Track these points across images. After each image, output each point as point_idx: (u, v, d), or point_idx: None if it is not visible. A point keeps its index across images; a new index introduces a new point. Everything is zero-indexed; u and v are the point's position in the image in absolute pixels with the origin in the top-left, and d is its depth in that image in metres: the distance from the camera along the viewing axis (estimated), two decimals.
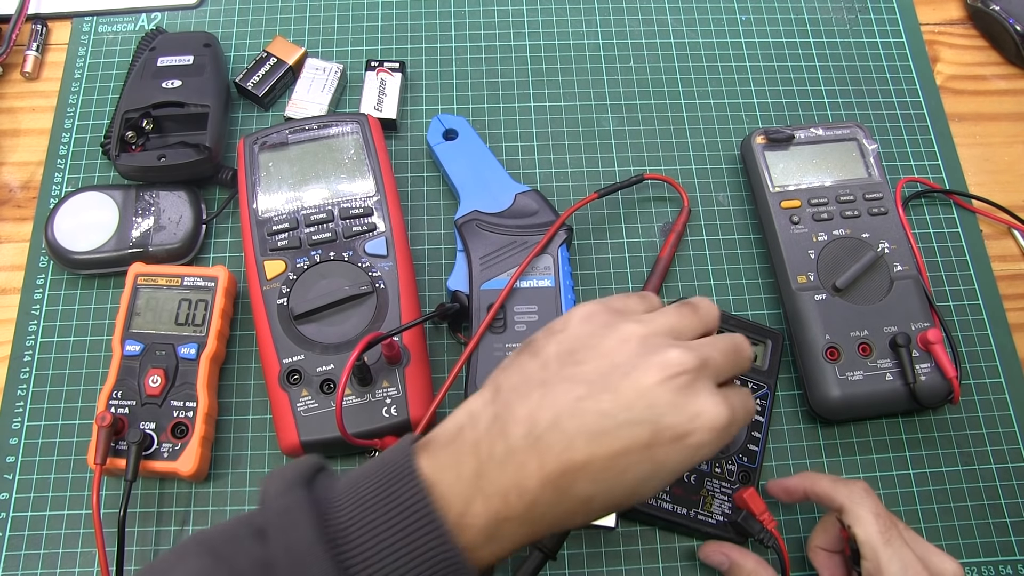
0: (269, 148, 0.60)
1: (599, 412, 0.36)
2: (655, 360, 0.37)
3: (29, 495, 0.54)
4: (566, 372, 0.37)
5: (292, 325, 0.54)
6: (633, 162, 0.66)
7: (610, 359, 0.37)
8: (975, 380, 0.59)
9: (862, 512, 0.46)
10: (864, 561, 0.45)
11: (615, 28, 0.71)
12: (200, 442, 0.52)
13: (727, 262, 0.63)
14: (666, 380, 0.36)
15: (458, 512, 0.35)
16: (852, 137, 0.63)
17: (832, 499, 0.48)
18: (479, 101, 0.68)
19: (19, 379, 0.58)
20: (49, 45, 0.70)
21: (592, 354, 0.38)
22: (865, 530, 0.45)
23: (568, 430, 0.36)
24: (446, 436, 0.37)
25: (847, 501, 0.47)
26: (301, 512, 0.35)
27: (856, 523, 0.46)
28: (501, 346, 0.54)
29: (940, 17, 0.74)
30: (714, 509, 0.52)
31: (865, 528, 0.45)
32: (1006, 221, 0.65)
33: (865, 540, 0.45)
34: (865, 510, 0.46)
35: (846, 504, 0.47)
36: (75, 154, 0.65)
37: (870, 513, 0.46)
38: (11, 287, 0.61)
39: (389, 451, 0.37)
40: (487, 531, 0.36)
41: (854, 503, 0.46)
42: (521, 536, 0.37)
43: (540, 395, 0.37)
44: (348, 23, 0.71)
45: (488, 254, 0.57)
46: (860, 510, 0.46)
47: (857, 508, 0.46)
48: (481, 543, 0.36)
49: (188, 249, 0.60)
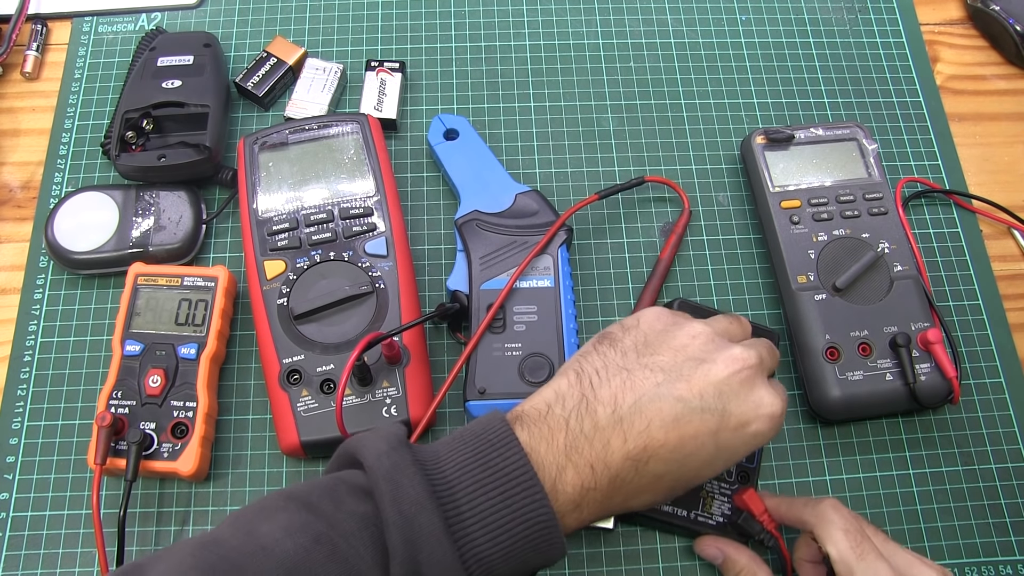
0: (269, 148, 0.60)
1: (675, 397, 0.41)
2: (724, 355, 0.43)
3: (29, 495, 0.54)
4: (643, 360, 0.43)
5: (292, 325, 0.54)
6: (633, 162, 0.66)
7: (683, 352, 0.43)
8: (975, 380, 0.59)
9: (831, 531, 0.46)
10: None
11: (615, 28, 0.71)
12: (200, 442, 0.52)
13: (727, 262, 0.63)
14: (733, 374, 0.42)
15: (552, 479, 0.39)
16: (852, 137, 0.63)
17: (802, 522, 0.48)
18: (479, 101, 0.68)
19: (19, 379, 0.58)
20: (49, 45, 0.70)
21: (665, 347, 0.43)
22: (836, 548, 0.45)
23: (648, 412, 0.41)
24: (536, 413, 0.42)
25: (815, 521, 0.47)
26: (409, 471, 0.38)
27: (827, 542, 0.46)
28: (500, 346, 0.54)
29: (940, 17, 0.74)
30: (714, 510, 0.52)
31: (836, 546, 0.45)
32: (1006, 221, 0.65)
33: (838, 559, 0.45)
34: (834, 528, 0.46)
35: (815, 525, 0.47)
36: (75, 154, 0.65)
37: (839, 531, 0.46)
38: (11, 287, 0.61)
39: (478, 423, 0.41)
40: (574, 500, 0.40)
41: (822, 523, 0.46)
42: (598, 508, 0.41)
43: (621, 380, 0.42)
44: (348, 23, 0.71)
45: (488, 254, 0.57)
46: (829, 529, 0.46)
47: (826, 527, 0.46)
48: (568, 510, 0.40)
49: (188, 249, 0.60)
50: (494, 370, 0.54)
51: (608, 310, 0.61)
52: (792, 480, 0.56)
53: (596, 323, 0.60)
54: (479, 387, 0.53)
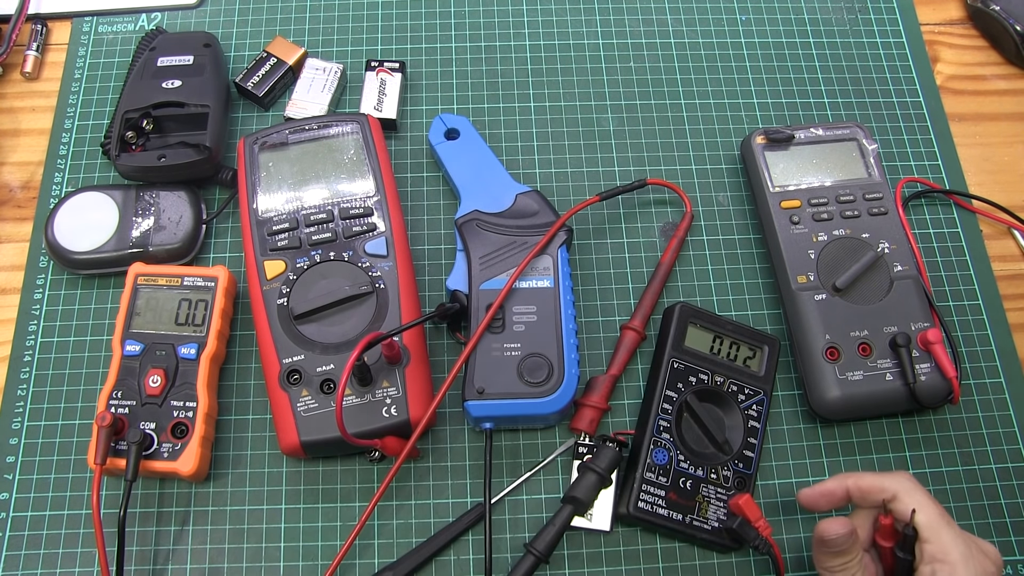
0: (269, 148, 0.60)
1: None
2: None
3: (29, 495, 0.54)
4: None
5: (292, 325, 0.54)
6: (633, 162, 0.66)
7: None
8: (975, 380, 0.59)
9: (920, 497, 0.46)
10: (926, 544, 0.45)
11: (615, 28, 0.71)
12: (200, 442, 0.52)
13: (727, 262, 0.62)
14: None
15: None
16: (852, 137, 0.63)
17: (883, 488, 0.48)
18: (479, 101, 0.68)
19: (19, 379, 0.58)
20: (49, 45, 0.70)
21: None
22: (927, 514, 0.46)
23: None
24: None
25: (901, 489, 0.47)
26: None
27: (918, 508, 0.46)
28: (500, 346, 0.54)
29: (940, 17, 0.74)
30: (709, 515, 0.52)
31: (927, 512, 0.46)
32: (1006, 221, 0.65)
33: (928, 524, 0.45)
34: (922, 495, 0.47)
35: (900, 492, 0.47)
36: (75, 154, 0.65)
37: (927, 498, 0.46)
38: (11, 287, 0.61)
39: None
40: None
41: (909, 490, 0.47)
42: None
43: None
44: (348, 23, 0.71)
45: (488, 254, 0.57)
46: (918, 495, 0.47)
47: (915, 494, 0.47)
48: None
49: (188, 249, 0.60)
50: (493, 370, 0.54)
51: (608, 310, 0.61)
52: (792, 480, 0.56)
53: (596, 323, 0.60)
54: (478, 387, 0.53)
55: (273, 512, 0.54)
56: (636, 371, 0.59)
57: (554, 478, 0.56)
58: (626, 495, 0.53)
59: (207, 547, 0.53)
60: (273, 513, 0.54)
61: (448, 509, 0.55)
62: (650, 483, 0.52)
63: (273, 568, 0.53)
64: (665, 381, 0.55)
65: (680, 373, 0.55)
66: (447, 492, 0.55)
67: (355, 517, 0.54)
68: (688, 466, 0.53)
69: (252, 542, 0.54)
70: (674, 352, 0.56)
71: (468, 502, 0.55)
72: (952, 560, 0.45)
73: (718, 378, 0.55)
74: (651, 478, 0.52)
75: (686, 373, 0.55)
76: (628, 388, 0.58)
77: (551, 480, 0.56)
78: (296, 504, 0.55)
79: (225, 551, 0.53)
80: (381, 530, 0.54)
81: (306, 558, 0.53)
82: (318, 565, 0.53)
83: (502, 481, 0.55)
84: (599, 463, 0.52)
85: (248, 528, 0.54)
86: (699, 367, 0.56)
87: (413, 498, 0.55)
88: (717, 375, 0.55)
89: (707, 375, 0.55)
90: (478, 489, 0.55)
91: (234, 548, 0.53)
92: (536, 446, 0.56)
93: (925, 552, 0.46)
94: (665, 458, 0.53)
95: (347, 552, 0.51)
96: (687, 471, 0.53)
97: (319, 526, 0.54)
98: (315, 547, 0.54)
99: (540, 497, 0.55)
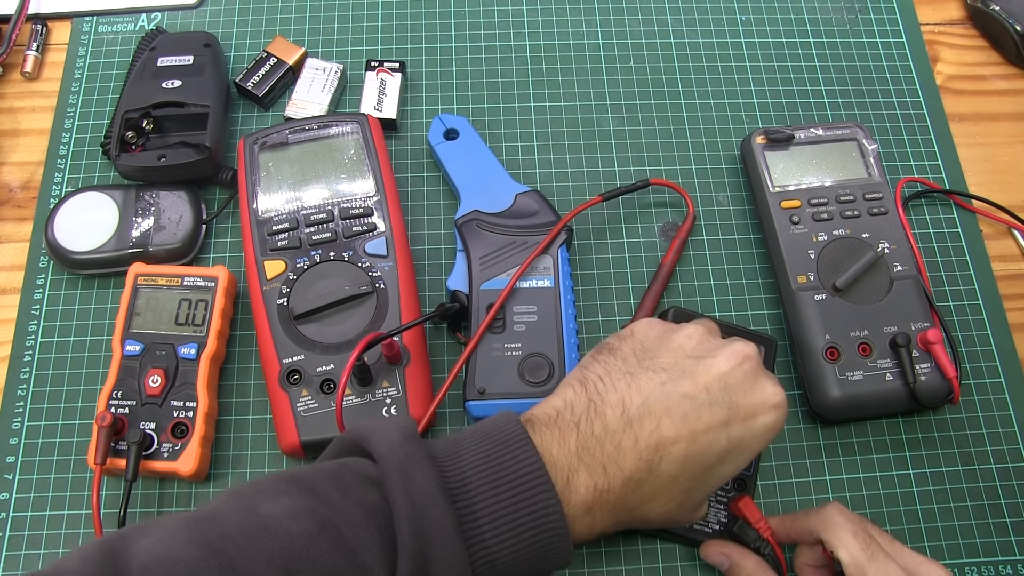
0: (269, 148, 0.60)
1: (682, 395, 0.41)
2: (725, 350, 0.43)
3: (29, 495, 0.54)
4: (645, 364, 0.43)
5: (292, 325, 0.54)
6: (633, 162, 0.66)
7: (682, 351, 0.44)
8: (975, 380, 0.59)
9: (841, 534, 0.46)
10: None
11: (615, 28, 0.71)
12: (200, 442, 0.52)
13: (727, 262, 0.62)
14: (736, 366, 0.42)
15: (564, 480, 0.39)
16: (852, 137, 0.63)
17: (810, 531, 0.48)
18: (479, 101, 0.68)
19: (19, 379, 0.58)
20: (49, 45, 0.70)
21: (664, 349, 0.44)
22: (847, 551, 0.45)
23: (656, 411, 0.41)
24: (546, 417, 0.42)
25: (822, 526, 0.47)
26: (422, 464, 0.37)
27: (837, 546, 0.46)
28: (500, 346, 0.54)
29: (940, 17, 0.74)
30: (709, 518, 0.52)
31: (847, 549, 0.45)
32: (1006, 221, 0.65)
33: (849, 561, 0.45)
34: (843, 531, 0.46)
35: (822, 530, 0.47)
36: (75, 154, 0.65)
37: (848, 533, 0.46)
38: (11, 287, 0.61)
39: (491, 423, 0.41)
40: (586, 502, 0.40)
41: (830, 527, 0.47)
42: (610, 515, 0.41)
43: (627, 383, 0.42)
44: (348, 23, 0.71)
45: (488, 254, 0.57)
46: (839, 532, 0.46)
47: (835, 531, 0.46)
48: (579, 514, 0.40)
49: (188, 249, 0.60)
50: (494, 370, 0.54)
51: (608, 310, 0.61)
52: (792, 480, 0.56)
53: (596, 323, 0.60)
54: (479, 387, 0.53)
55: None
56: None
57: None
58: None
59: None
60: None
61: None
62: None
63: None
64: None
65: None
66: None
67: None
68: None
69: None
70: None
71: None
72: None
73: None
74: None
75: None
76: None
77: None
78: None
79: None
80: None
81: None
82: None
83: None
84: None
85: None
86: None
87: None
88: None
89: None
90: None
91: None
92: None
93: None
94: None
95: None
96: None
97: None
98: None
99: None
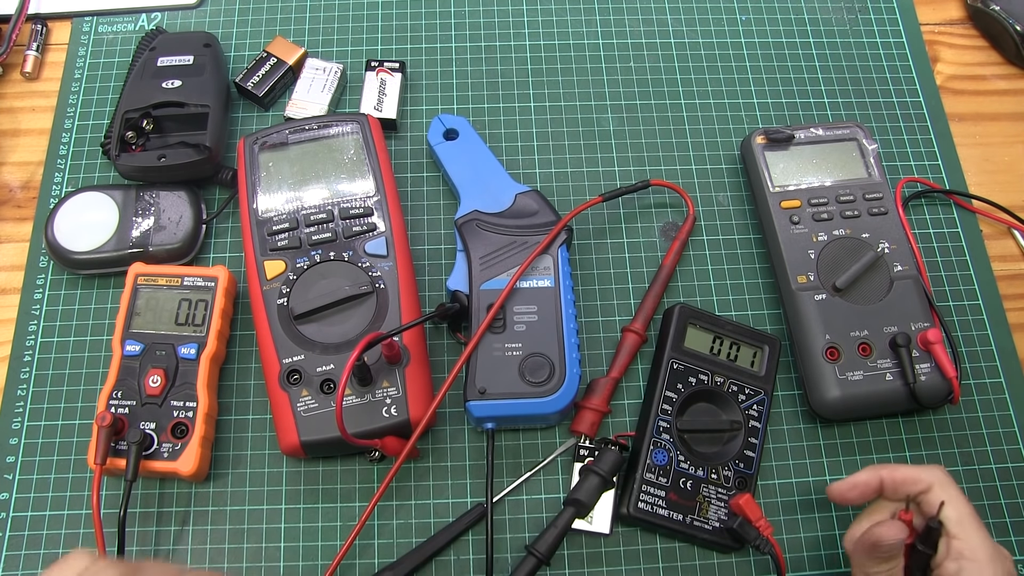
0: (269, 148, 0.60)
1: None
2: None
3: (29, 495, 0.54)
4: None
5: (292, 325, 0.54)
6: (633, 162, 0.66)
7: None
8: (975, 380, 0.59)
9: (953, 491, 0.45)
10: (954, 540, 0.44)
11: (615, 28, 0.71)
12: (200, 442, 0.52)
13: (727, 262, 0.62)
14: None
15: None
16: (852, 137, 0.63)
17: (917, 480, 0.47)
18: (479, 101, 0.68)
19: (19, 379, 0.58)
20: (49, 45, 0.70)
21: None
22: (958, 510, 0.45)
23: None
24: None
25: (935, 481, 0.46)
26: None
27: (951, 503, 0.45)
28: (501, 346, 0.54)
29: (940, 17, 0.74)
30: (710, 515, 0.52)
31: (958, 508, 0.45)
32: (1006, 221, 0.65)
33: (958, 519, 0.45)
34: (955, 490, 0.46)
35: (935, 484, 0.46)
36: (75, 154, 0.65)
37: (959, 493, 0.45)
38: (11, 287, 0.61)
39: None
40: None
41: (943, 483, 0.46)
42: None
43: None
44: (348, 23, 0.71)
45: (488, 254, 0.57)
46: (951, 489, 0.46)
47: (948, 487, 0.46)
48: None
49: (188, 249, 0.60)
50: (494, 370, 0.54)
51: (608, 310, 0.61)
52: (792, 480, 0.56)
53: (596, 323, 0.60)
54: (479, 387, 0.53)
55: (273, 512, 0.54)
56: (637, 372, 0.59)
57: (554, 478, 0.56)
58: (626, 496, 0.53)
59: (207, 547, 0.53)
60: (273, 513, 0.54)
61: (448, 509, 0.55)
62: (650, 484, 0.52)
63: (273, 568, 0.53)
64: (665, 382, 0.55)
65: (680, 374, 0.55)
66: (447, 492, 0.55)
67: (355, 517, 0.54)
68: (688, 466, 0.53)
69: (252, 542, 0.54)
70: (674, 353, 0.56)
71: (468, 502, 0.55)
72: (980, 559, 0.44)
73: (718, 378, 0.55)
74: (651, 479, 0.52)
75: (686, 374, 0.55)
76: (629, 389, 0.58)
77: (551, 480, 0.56)
78: (296, 504, 0.55)
79: (225, 551, 0.53)
80: (381, 530, 0.54)
81: (306, 558, 0.53)
82: (318, 565, 0.53)
83: (502, 481, 0.55)
84: (601, 466, 0.52)
85: (248, 528, 0.54)
86: (699, 368, 0.56)
87: (413, 498, 0.55)
88: (717, 375, 0.55)
89: (707, 375, 0.55)
90: (478, 489, 0.55)
91: (234, 548, 0.53)
92: (536, 446, 0.56)
93: (952, 548, 0.45)
94: (665, 459, 0.53)
95: (347, 552, 0.51)
96: (687, 471, 0.53)
97: (319, 526, 0.54)
98: (315, 547, 0.54)
99: (540, 497, 0.55)
